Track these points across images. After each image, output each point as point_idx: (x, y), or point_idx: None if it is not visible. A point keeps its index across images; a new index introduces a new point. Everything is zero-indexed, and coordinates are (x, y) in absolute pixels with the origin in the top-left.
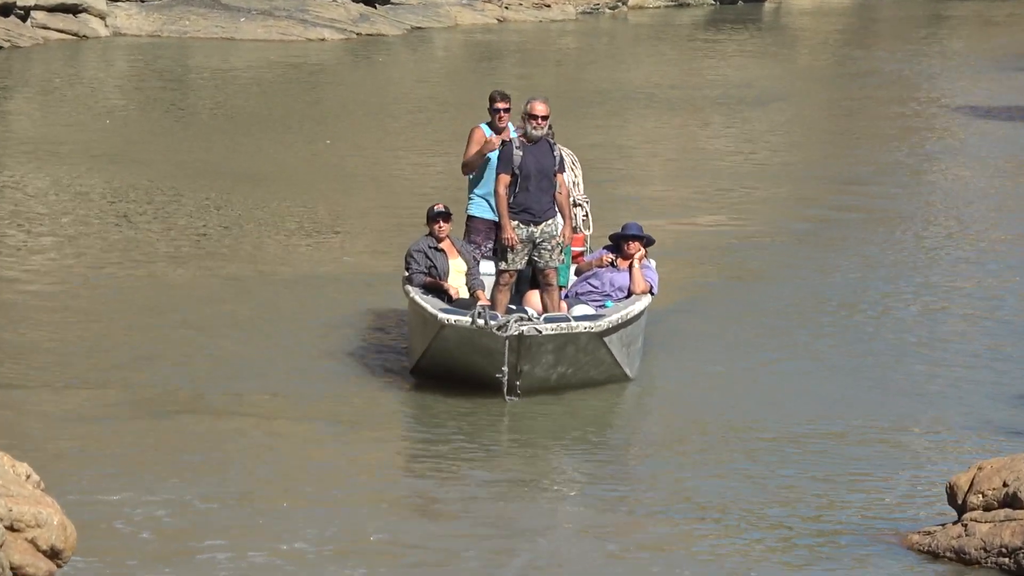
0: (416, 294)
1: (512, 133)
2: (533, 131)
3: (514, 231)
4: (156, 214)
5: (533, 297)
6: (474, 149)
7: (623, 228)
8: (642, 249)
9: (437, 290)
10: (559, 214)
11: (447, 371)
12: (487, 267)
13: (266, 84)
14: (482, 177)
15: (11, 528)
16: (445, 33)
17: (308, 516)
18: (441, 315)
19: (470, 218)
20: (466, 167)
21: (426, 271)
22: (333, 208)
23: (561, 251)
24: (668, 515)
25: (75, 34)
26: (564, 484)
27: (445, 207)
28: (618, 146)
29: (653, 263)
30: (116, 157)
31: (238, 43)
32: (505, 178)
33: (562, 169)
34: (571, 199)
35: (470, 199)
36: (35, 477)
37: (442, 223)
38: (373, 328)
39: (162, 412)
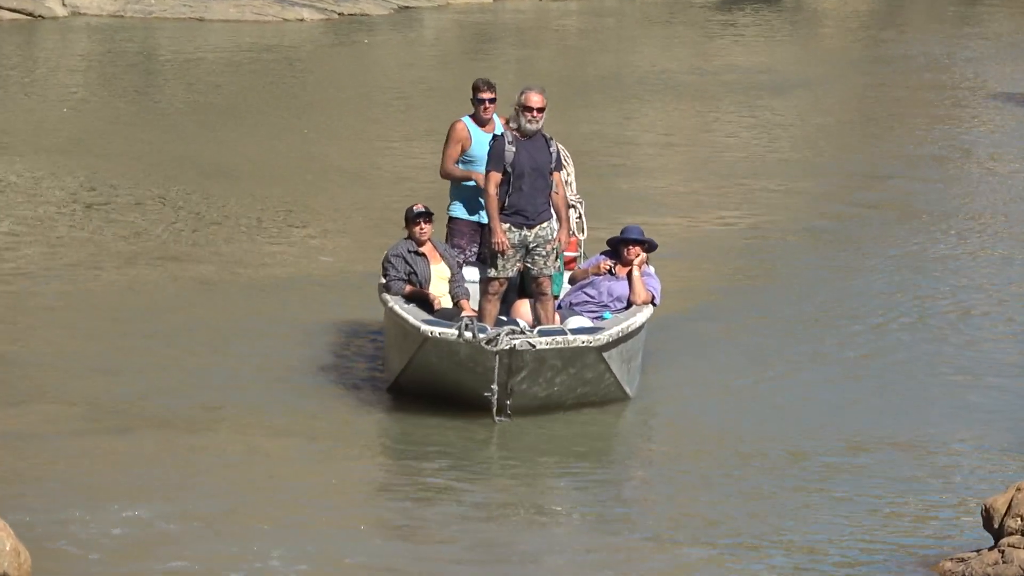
0: (395, 303)
1: (498, 127)
2: (528, 125)
3: (505, 235)
4: (118, 211)
5: (523, 307)
6: (455, 148)
7: (623, 231)
8: (643, 255)
9: (418, 299)
10: (554, 216)
11: (429, 389)
12: (471, 273)
13: (238, 69)
14: (440, 167)
15: None
16: (435, 13)
17: (277, 537)
18: (424, 327)
19: (452, 219)
20: (449, 176)
21: (405, 277)
22: (311, 204)
23: (556, 257)
24: (676, 540)
25: (29, 14)
26: (558, 508)
27: (426, 207)
28: (624, 137)
29: (652, 269)
30: (74, 149)
31: (208, 24)
32: (496, 176)
33: (559, 167)
34: (568, 200)
35: (451, 197)
36: None
37: (423, 225)
38: (353, 335)
39: (123, 427)
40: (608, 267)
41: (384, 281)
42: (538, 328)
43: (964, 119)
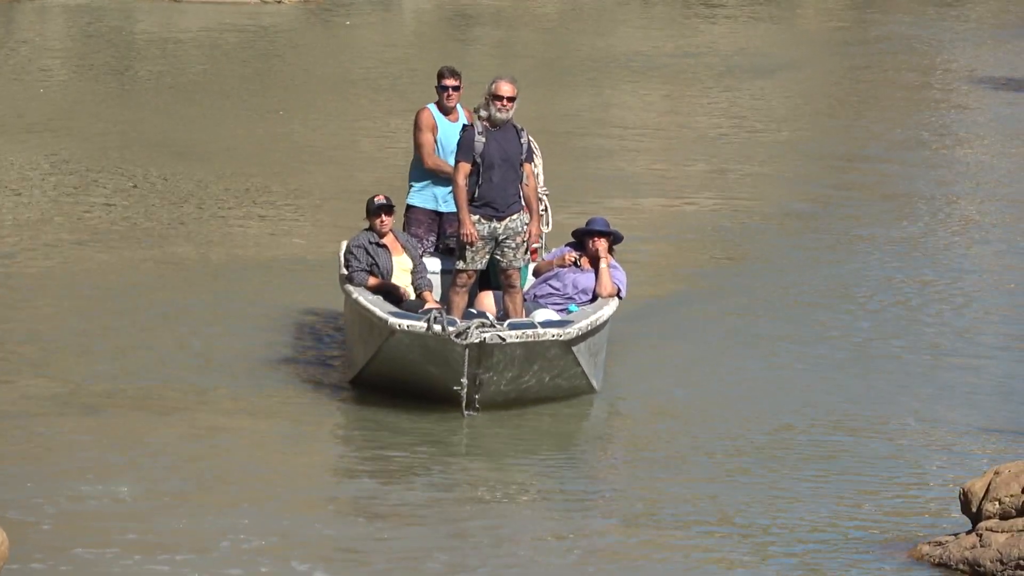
0: (360, 295)
1: (461, 116)
2: (498, 114)
3: (475, 227)
4: (92, 192)
5: (486, 299)
6: (429, 136)
7: (588, 223)
8: (606, 245)
9: (383, 291)
10: (524, 208)
11: (394, 381)
12: (431, 264)
13: (216, 50)
14: (423, 160)
15: None
16: None
17: (246, 514)
18: (392, 320)
19: (410, 208)
20: (437, 169)
21: (368, 269)
22: (285, 185)
23: (526, 250)
24: (649, 523)
25: None
26: (526, 491)
27: (387, 199)
28: (604, 119)
29: (615, 262)
30: (50, 129)
31: (185, 5)
32: (465, 167)
33: (530, 158)
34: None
35: (411, 186)
36: None
37: (384, 217)
38: (326, 318)
39: (96, 407)
40: (573, 259)
41: (346, 272)
42: (508, 321)
43: (946, 102)
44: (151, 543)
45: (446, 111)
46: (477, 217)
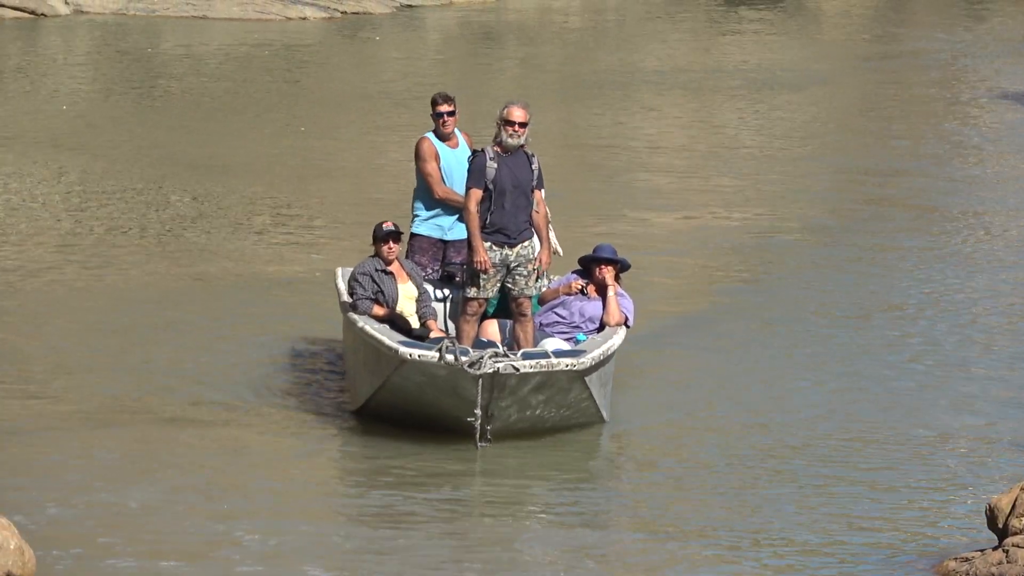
0: (366, 323)
1: (460, 142)
2: (509, 139)
3: (487, 254)
4: (113, 209)
5: (491, 327)
6: (433, 165)
7: (595, 250)
8: (613, 273)
9: (387, 320)
10: (535, 235)
11: (401, 413)
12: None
13: (241, 67)
14: (432, 190)
15: None
16: (438, 12)
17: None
18: (402, 349)
19: (415, 236)
20: (448, 199)
21: (373, 297)
22: (305, 201)
23: (537, 277)
24: (675, 541)
25: (32, 12)
26: (541, 507)
27: (395, 226)
28: (628, 134)
29: (616, 289)
30: (74, 146)
31: (211, 22)
32: (477, 193)
33: (540, 185)
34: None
35: (416, 215)
36: None
37: (392, 244)
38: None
39: (114, 422)
40: (580, 287)
41: (351, 300)
42: (522, 351)
43: (970, 117)
44: (166, 550)
45: (444, 137)
46: (488, 244)
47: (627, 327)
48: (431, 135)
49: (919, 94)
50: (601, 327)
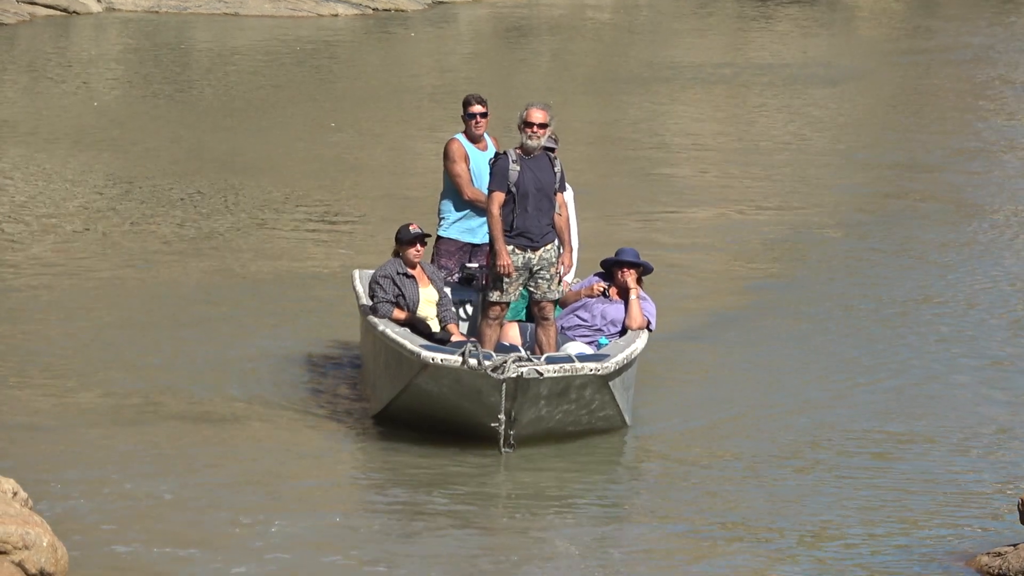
0: (387, 327)
1: (489, 145)
2: (529, 141)
3: (510, 258)
4: (144, 204)
5: (512, 331)
6: (463, 166)
7: (617, 253)
8: (635, 276)
9: (408, 324)
10: (558, 239)
11: (422, 418)
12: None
13: (272, 64)
14: (461, 192)
15: None
16: (470, 8)
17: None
18: (424, 353)
19: (442, 239)
20: (475, 201)
21: (394, 300)
22: (338, 199)
23: (559, 281)
24: (712, 538)
25: (64, 10)
26: (568, 508)
27: (421, 228)
28: (660, 129)
29: (638, 292)
30: (105, 143)
31: (243, 19)
32: (500, 196)
33: (563, 187)
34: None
35: (443, 217)
36: (22, 494)
37: (419, 247)
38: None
39: (143, 420)
40: (602, 289)
41: (371, 303)
42: (545, 355)
43: (1005, 111)
44: (194, 543)
45: (474, 139)
46: (511, 247)
47: (649, 330)
48: (461, 136)
49: (952, 88)
50: (623, 331)
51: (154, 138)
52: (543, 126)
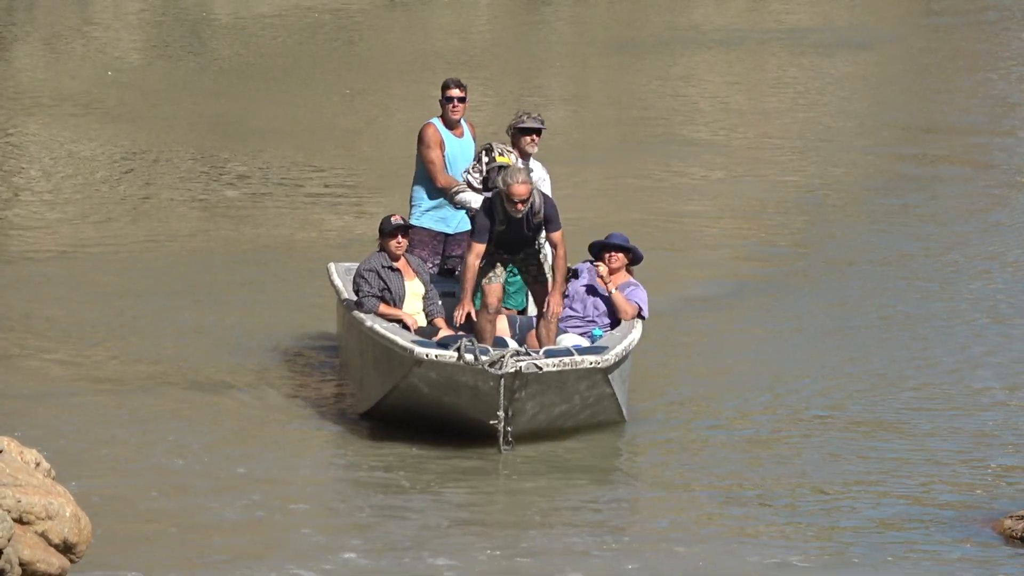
0: (375, 323)
1: (465, 131)
2: (513, 213)
3: (473, 308)
4: (162, 173)
5: (500, 323)
6: (438, 152)
7: (607, 237)
8: (623, 261)
9: (390, 320)
10: (550, 274)
11: (414, 415)
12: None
13: (292, 32)
14: (434, 179)
15: (20, 521)
16: None
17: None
18: (418, 349)
19: (413, 228)
20: (449, 187)
21: (379, 294)
22: (355, 168)
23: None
24: (747, 505)
25: None
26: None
27: (404, 219)
28: (678, 94)
29: (627, 279)
30: (124, 112)
31: None
32: (479, 248)
33: (556, 227)
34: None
35: (415, 205)
36: (45, 465)
37: (401, 238)
38: None
39: (151, 388)
40: (602, 274)
41: (356, 298)
42: (544, 349)
43: None
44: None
45: (451, 125)
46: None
47: (642, 317)
48: (436, 121)
49: (980, 51)
50: (615, 322)
51: (169, 107)
52: (524, 201)
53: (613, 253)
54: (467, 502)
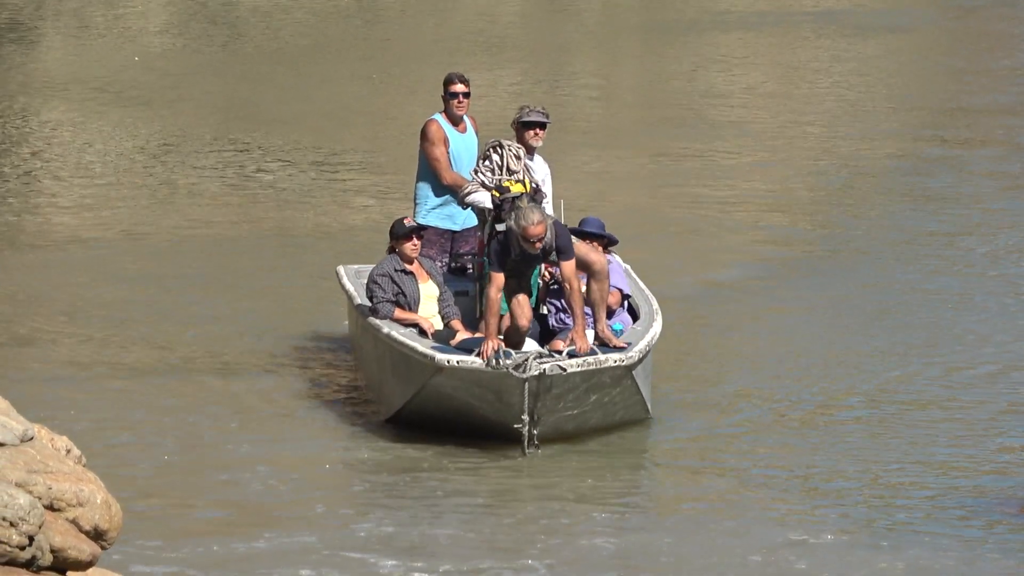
0: (393, 330)
1: (469, 127)
2: (531, 252)
3: (500, 343)
4: (186, 158)
5: (525, 304)
6: (442, 149)
7: (581, 223)
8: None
9: (407, 325)
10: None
11: (437, 420)
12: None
13: (321, 16)
14: (440, 176)
15: (51, 508)
16: None
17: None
18: (439, 356)
19: (421, 227)
20: (455, 185)
21: (394, 299)
22: (382, 152)
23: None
24: (790, 491)
25: None
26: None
27: (417, 221)
28: (709, 76)
29: (618, 258)
30: (150, 97)
31: None
32: (500, 279)
33: (569, 256)
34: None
35: (420, 203)
36: (75, 451)
37: (416, 240)
38: None
39: (199, 374)
40: (550, 272)
41: (371, 304)
42: (567, 350)
43: None
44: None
45: (455, 120)
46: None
47: (625, 296)
48: (440, 117)
49: (1011, 32)
50: (610, 314)
51: (194, 92)
52: (540, 239)
53: (589, 241)
54: (490, 489)
